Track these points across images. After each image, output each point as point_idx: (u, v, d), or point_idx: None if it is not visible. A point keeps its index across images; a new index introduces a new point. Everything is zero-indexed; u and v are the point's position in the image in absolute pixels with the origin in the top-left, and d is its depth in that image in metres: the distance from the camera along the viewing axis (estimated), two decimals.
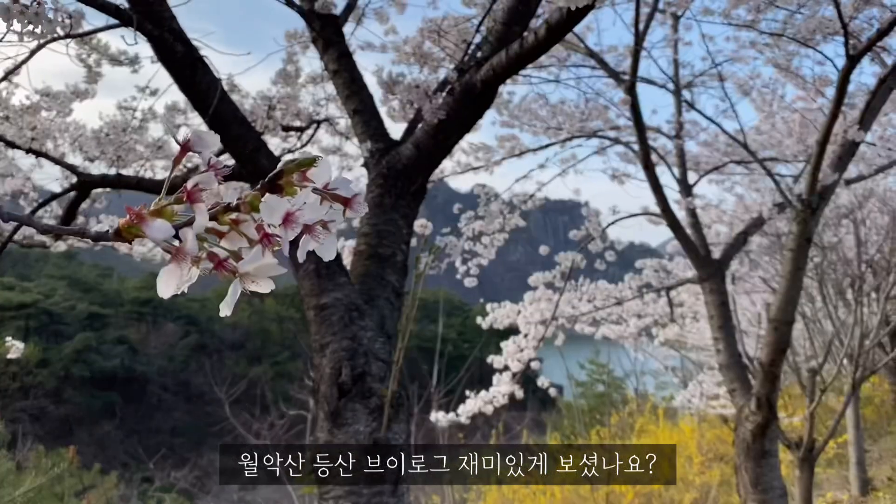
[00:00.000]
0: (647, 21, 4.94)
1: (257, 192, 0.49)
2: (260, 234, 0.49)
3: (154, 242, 0.47)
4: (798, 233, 4.28)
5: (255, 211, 0.49)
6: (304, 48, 4.28)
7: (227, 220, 0.49)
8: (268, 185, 0.49)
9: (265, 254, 0.48)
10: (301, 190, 0.49)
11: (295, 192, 0.50)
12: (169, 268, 0.47)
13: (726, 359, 5.16)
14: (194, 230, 0.47)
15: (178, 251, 0.47)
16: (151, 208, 0.48)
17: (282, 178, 0.49)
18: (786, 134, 6.23)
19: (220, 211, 0.49)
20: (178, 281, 0.48)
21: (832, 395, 9.28)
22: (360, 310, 2.56)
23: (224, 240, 0.50)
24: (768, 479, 4.63)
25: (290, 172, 0.49)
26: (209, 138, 0.50)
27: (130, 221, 0.47)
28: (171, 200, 0.48)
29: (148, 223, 0.46)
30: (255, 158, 2.67)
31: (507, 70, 2.61)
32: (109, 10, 2.21)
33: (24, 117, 2.70)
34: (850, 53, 3.67)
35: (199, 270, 0.48)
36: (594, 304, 7.27)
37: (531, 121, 6.12)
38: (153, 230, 0.46)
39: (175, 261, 0.47)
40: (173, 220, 0.47)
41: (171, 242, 0.47)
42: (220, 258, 0.49)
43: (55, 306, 29.41)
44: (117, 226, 0.48)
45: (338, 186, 0.51)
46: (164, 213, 0.47)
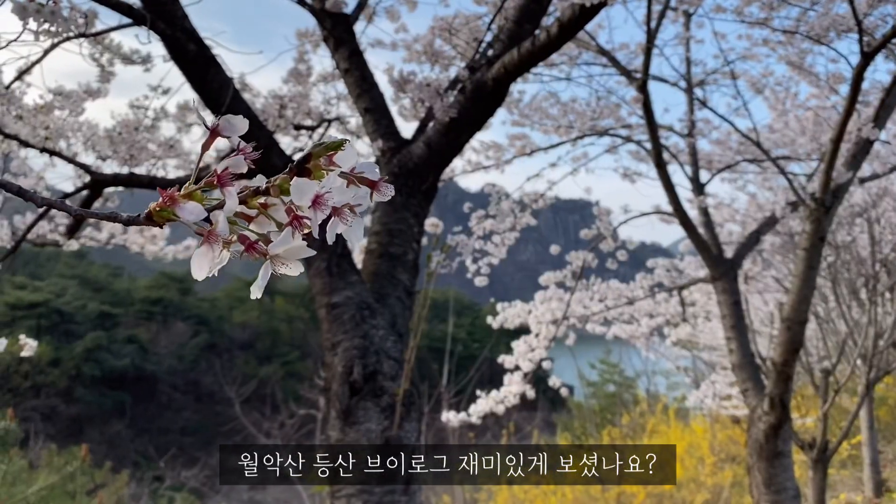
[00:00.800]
0: (659, 19, 4.92)
1: (286, 175, 0.49)
2: (290, 216, 0.49)
3: (186, 224, 0.47)
4: (811, 232, 4.24)
5: (284, 194, 0.49)
6: (315, 46, 4.29)
7: (256, 204, 0.49)
8: (296, 168, 0.49)
9: (295, 236, 0.48)
10: (328, 174, 0.49)
11: (323, 176, 0.49)
12: (201, 250, 0.48)
13: (739, 359, 5.12)
14: (225, 213, 0.46)
15: (210, 233, 0.47)
16: (182, 192, 0.48)
17: (310, 162, 0.49)
18: (799, 132, 6.19)
19: (250, 195, 0.49)
20: (210, 263, 0.48)
21: (846, 395, 9.22)
22: (371, 308, 2.55)
23: (253, 223, 0.50)
24: (781, 479, 4.60)
25: (317, 156, 0.50)
26: (238, 123, 0.50)
27: (163, 204, 0.47)
28: (201, 185, 0.48)
29: (181, 205, 0.46)
30: (266, 157, 2.66)
31: (519, 68, 2.59)
32: (123, 10, 2.21)
33: (37, 117, 2.70)
34: (865, 50, 3.64)
35: (230, 253, 0.48)
36: (605, 304, 7.24)
37: (542, 119, 6.10)
38: (186, 212, 0.47)
39: (206, 243, 0.48)
40: (204, 203, 0.47)
41: (203, 225, 0.47)
42: (251, 241, 0.49)
43: (66, 305, 29.58)
44: (148, 209, 0.47)
45: (364, 170, 0.51)
46: (194, 196, 0.47)
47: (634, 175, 6.57)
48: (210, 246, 0.48)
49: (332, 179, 0.49)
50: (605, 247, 6.42)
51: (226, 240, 0.47)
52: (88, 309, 30.10)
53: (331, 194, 0.48)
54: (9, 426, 3.77)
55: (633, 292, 7.22)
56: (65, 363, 26.97)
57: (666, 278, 7.38)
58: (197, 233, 0.48)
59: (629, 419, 11.37)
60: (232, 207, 0.48)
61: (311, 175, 0.49)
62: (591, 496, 8.10)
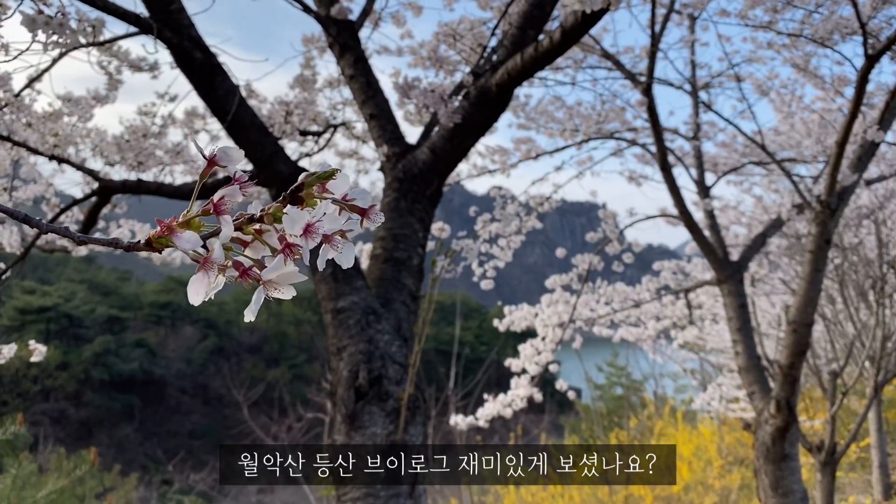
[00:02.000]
0: (664, 22, 4.93)
1: (279, 203, 0.51)
2: (282, 244, 0.51)
3: (183, 252, 0.48)
4: (817, 234, 4.24)
5: (277, 222, 0.51)
6: (322, 52, 4.31)
7: (251, 231, 0.51)
8: (289, 197, 0.51)
9: (287, 262, 0.50)
10: (321, 201, 0.51)
11: (315, 204, 0.52)
12: (197, 276, 0.49)
13: (745, 361, 5.12)
14: (220, 240, 0.48)
15: (206, 260, 0.49)
16: (180, 220, 0.49)
17: (302, 191, 0.51)
18: (805, 134, 6.18)
19: (245, 222, 0.51)
20: (206, 288, 0.50)
21: (854, 397, 9.18)
22: (376, 313, 2.57)
23: (248, 248, 0.52)
24: (788, 482, 4.59)
25: (310, 185, 0.52)
26: (234, 154, 0.52)
27: (161, 233, 0.48)
28: (198, 212, 0.50)
29: (178, 234, 0.48)
30: (272, 163, 2.69)
31: (523, 74, 2.61)
32: (130, 19, 2.24)
33: (46, 124, 2.74)
34: (869, 53, 3.64)
35: (225, 278, 0.50)
36: (612, 307, 7.25)
37: (547, 123, 6.11)
38: (182, 241, 0.49)
39: (202, 269, 0.49)
40: (200, 230, 0.49)
41: (199, 252, 0.49)
42: (245, 267, 0.52)
43: (75, 310, 29.73)
44: (148, 236, 0.49)
45: (356, 197, 0.53)
46: (192, 224, 0.49)
47: (640, 178, 6.58)
48: (206, 272, 0.50)
49: (323, 207, 0.51)
50: (611, 250, 6.43)
51: (221, 265, 0.49)
52: (97, 313, 30.25)
53: (321, 223, 0.50)
54: (18, 430, 3.80)
55: (640, 295, 7.23)
56: (74, 367, 27.11)
57: (672, 281, 7.38)
58: (193, 259, 0.50)
59: (637, 422, 11.35)
60: (227, 235, 0.50)
61: (303, 203, 0.51)
62: (599, 499, 8.09)
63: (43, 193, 3.56)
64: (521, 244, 6.48)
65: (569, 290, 6.87)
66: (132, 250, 0.52)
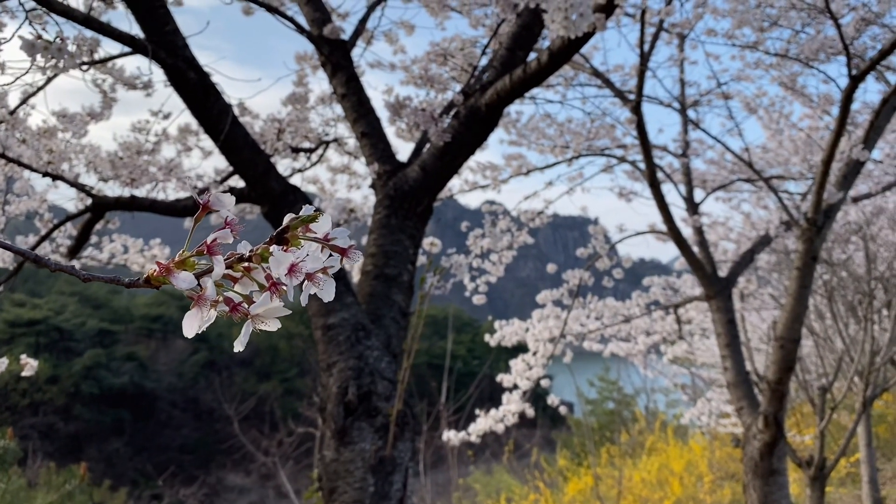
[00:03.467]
0: (652, 41, 5.00)
1: (266, 245, 0.55)
2: (269, 282, 0.56)
3: (179, 290, 0.52)
4: (804, 251, 4.30)
5: (264, 261, 0.56)
6: (315, 69, 4.36)
7: (241, 269, 0.56)
8: (276, 238, 0.55)
9: (273, 299, 0.55)
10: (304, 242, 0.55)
11: (299, 244, 0.57)
12: (192, 311, 0.54)
13: (734, 377, 5.16)
14: (213, 279, 0.53)
15: (199, 297, 0.53)
16: (176, 259, 0.53)
17: (288, 233, 0.56)
18: (792, 152, 6.26)
19: (235, 260, 0.56)
20: (200, 322, 0.55)
21: (844, 413, 9.23)
22: (366, 329, 2.59)
23: (237, 284, 0.57)
24: (776, 497, 4.62)
25: (295, 227, 0.57)
26: (227, 200, 0.56)
27: (160, 273, 0.53)
28: (192, 252, 0.54)
29: (175, 275, 0.53)
30: (264, 181, 2.72)
31: (511, 94, 2.66)
32: (125, 40, 2.28)
33: (41, 140, 2.76)
34: (853, 74, 3.71)
35: (217, 312, 0.54)
36: (602, 322, 7.29)
37: (538, 139, 6.17)
38: (179, 281, 0.54)
39: (197, 305, 0.54)
40: (194, 269, 0.53)
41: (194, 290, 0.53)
42: (235, 302, 0.56)
43: (65, 323, 29.56)
44: (147, 275, 0.53)
45: (336, 236, 0.58)
46: (187, 263, 0.53)
47: (630, 194, 6.63)
48: (200, 308, 0.54)
49: (307, 247, 0.55)
50: (601, 265, 6.47)
51: (213, 301, 0.53)
52: (87, 326, 30.09)
53: (304, 263, 0.56)
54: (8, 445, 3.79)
55: (630, 310, 7.27)
56: (63, 381, 26.92)
57: (662, 296, 7.43)
58: (188, 296, 0.54)
59: (628, 437, 11.37)
60: (219, 273, 0.55)
61: (288, 244, 0.56)
62: None
63: (36, 209, 3.58)
64: (513, 258, 6.51)
65: (560, 306, 6.91)
66: (132, 287, 0.55)
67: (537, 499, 9.39)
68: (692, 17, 5.10)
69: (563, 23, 1.93)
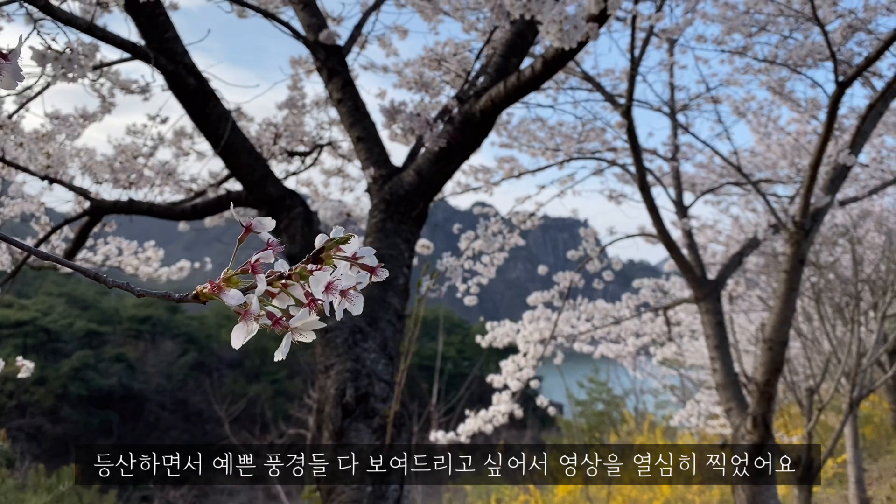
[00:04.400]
0: (643, 46, 5.06)
1: (303, 264, 0.60)
2: (308, 298, 0.62)
3: (229, 307, 0.57)
4: (791, 254, 4.36)
5: (302, 279, 0.61)
6: (309, 73, 4.39)
7: (279, 285, 0.61)
8: (312, 257, 0.60)
9: (311, 314, 0.61)
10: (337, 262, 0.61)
11: (332, 263, 0.62)
12: (239, 325, 0.60)
13: (722, 378, 5.22)
14: (256, 294, 0.58)
15: (246, 312, 0.59)
16: (222, 277, 0.58)
17: (323, 253, 0.62)
18: (780, 155, 6.33)
19: (275, 278, 0.61)
20: (246, 334, 0.61)
21: (832, 413, 9.32)
22: (363, 332, 2.63)
23: (275, 299, 0.63)
24: (764, 498, 4.68)
25: (329, 248, 0.63)
26: (267, 223, 0.61)
27: (211, 290, 0.57)
28: (237, 270, 0.59)
29: (225, 292, 0.57)
30: (262, 186, 2.75)
31: (505, 101, 2.70)
32: (127, 48, 2.30)
33: (38, 144, 2.78)
34: (840, 80, 3.77)
35: (259, 325, 0.59)
36: (592, 323, 7.34)
37: (530, 142, 6.22)
38: (229, 298, 0.59)
39: (243, 319, 0.60)
40: (238, 285, 0.58)
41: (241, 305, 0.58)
42: (277, 317, 0.62)
43: (53, 324, 29.36)
44: (196, 291, 0.58)
45: (364, 255, 0.64)
46: (231, 281, 0.58)
47: (620, 196, 6.69)
48: (246, 322, 0.60)
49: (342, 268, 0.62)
50: (591, 267, 6.52)
51: (257, 315, 0.58)
52: (75, 327, 29.90)
53: (339, 281, 0.61)
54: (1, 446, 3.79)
55: (620, 312, 7.33)
56: (51, 382, 26.74)
57: (651, 298, 7.49)
58: (235, 311, 0.60)
59: (617, 438, 11.43)
60: (262, 290, 0.60)
61: (323, 263, 0.62)
62: None
63: (33, 212, 3.59)
64: (503, 260, 6.55)
65: (550, 307, 6.96)
66: (182, 301, 0.59)
67: (527, 500, 9.44)
68: (682, 23, 5.16)
69: (558, 34, 1.97)
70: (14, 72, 0.57)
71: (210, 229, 4.37)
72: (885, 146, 6.32)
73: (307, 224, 2.82)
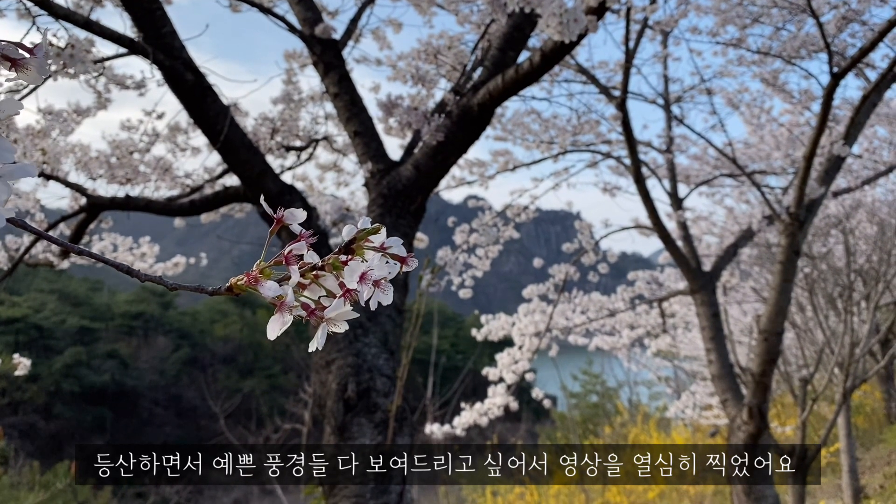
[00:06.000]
0: (637, 38, 5.05)
1: (336, 255, 0.62)
2: (342, 289, 0.61)
3: (265, 298, 0.57)
4: (786, 245, 4.37)
5: (335, 270, 0.61)
6: (303, 67, 4.37)
7: (311, 276, 0.62)
8: (344, 248, 0.60)
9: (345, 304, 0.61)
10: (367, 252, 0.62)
11: (363, 253, 0.62)
12: (275, 317, 0.59)
13: (718, 369, 5.24)
14: (290, 285, 0.58)
15: (282, 303, 0.58)
16: (255, 269, 0.58)
17: (354, 244, 0.63)
18: (774, 147, 6.35)
19: (308, 269, 0.61)
20: (282, 325, 0.60)
21: (824, 403, 9.38)
22: (363, 327, 2.63)
23: (306, 290, 0.63)
24: (760, 488, 4.71)
25: (360, 238, 0.63)
26: (299, 214, 0.60)
27: (248, 282, 0.57)
28: (270, 262, 0.58)
29: (262, 284, 0.57)
30: (261, 181, 2.74)
31: (503, 94, 2.69)
32: (124, 43, 2.28)
33: (33, 140, 2.76)
34: (834, 71, 3.77)
35: (294, 316, 0.59)
36: (587, 316, 7.35)
37: (524, 135, 6.21)
38: (266, 289, 0.58)
39: (279, 311, 0.59)
40: (271, 276, 0.57)
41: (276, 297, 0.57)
42: (312, 308, 0.61)
43: (45, 321, 29.25)
44: (229, 283, 0.57)
45: (391, 245, 0.63)
46: (264, 272, 0.57)
47: (614, 189, 6.70)
48: (282, 313, 0.59)
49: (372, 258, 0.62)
50: (586, 260, 6.53)
51: (293, 306, 0.57)
52: (68, 324, 29.79)
53: (372, 271, 0.61)
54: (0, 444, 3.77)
55: (615, 304, 7.35)
56: (44, 379, 26.66)
57: (646, 290, 7.51)
58: (271, 303, 0.59)
59: (611, 430, 11.47)
60: (295, 281, 0.60)
61: (354, 253, 0.63)
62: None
63: (29, 209, 3.56)
64: (497, 253, 6.56)
65: (545, 300, 6.97)
66: (216, 294, 0.59)
67: (523, 492, 9.47)
68: (676, 15, 5.16)
69: (558, 27, 1.97)
70: (40, 66, 0.57)
71: (201, 224, 4.36)
72: (878, 137, 6.35)
73: (307, 219, 2.81)
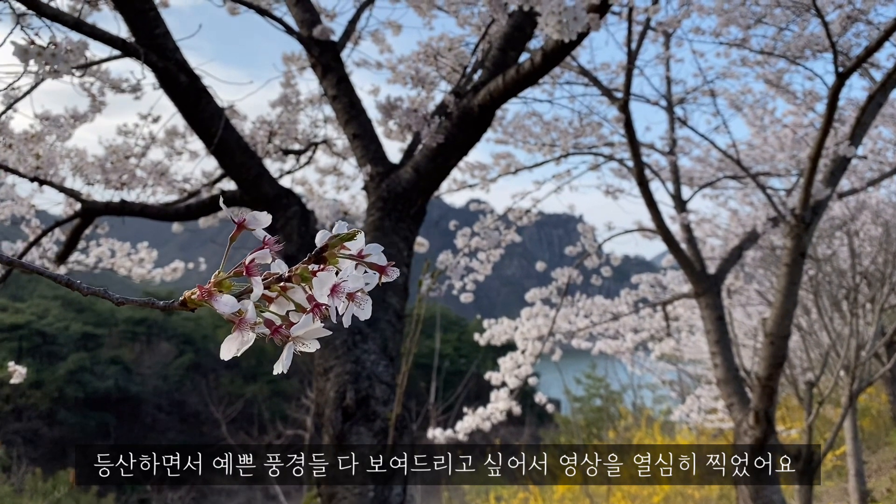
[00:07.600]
0: (640, 39, 5.01)
1: (304, 265, 0.53)
2: (311, 303, 0.54)
3: (221, 314, 0.50)
4: (792, 248, 4.32)
5: (304, 281, 0.53)
6: (301, 70, 4.33)
7: (277, 288, 0.54)
8: (314, 257, 0.53)
9: (315, 320, 0.53)
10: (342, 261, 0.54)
11: (337, 262, 0.55)
12: (232, 335, 0.51)
13: (723, 373, 5.18)
14: (252, 299, 0.51)
15: (241, 320, 0.51)
16: (212, 281, 0.51)
17: (326, 251, 0.55)
18: (778, 148, 6.30)
19: (273, 281, 0.53)
20: (240, 345, 0.52)
21: (830, 406, 9.31)
22: (362, 333, 2.58)
23: (272, 304, 0.55)
24: (767, 492, 4.65)
25: (333, 245, 0.55)
26: (262, 218, 0.54)
27: (201, 297, 0.50)
28: (229, 273, 0.52)
29: (216, 298, 0.50)
30: (257, 185, 2.70)
31: (504, 95, 2.65)
32: (117, 44, 2.24)
33: (28, 145, 2.72)
34: (839, 71, 3.73)
35: (256, 335, 0.52)
36: (591, 320, 7.30)
37: (525, 137, 6.17)
38: (221, 304, 0.51)
39: (237, 329, 0.51)
40: (231, 290, 0.51)
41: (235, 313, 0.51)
42: (276, 325, 0.54)
43: (48, 327, 29.23)
44: (183, 297, 0.51)
45: (370, 252, 0.56)
46: (223, 285, 0.51)
47: (617, 192, 6.65)
48: (240, 331, 0.52)
49: (346, 268, 0.55)
50: (589, 263, 6.49)
51: (253, 323, 0.51)
52: (71, 330, 29.77)
53: (346, 283, 0.54)
54: None
55: (618, 308, 7.29)
56: (47, 385, 26.63)
57: (650, 294, 7.46)
58: (228, 320, 0.52)
59: (615, 434, 11.41)
60: (258, 294, 0.53)
61: (326, 262, 0.55)
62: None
63: (24, 214, 3.52)
64: (499, 257, 6.51)
65: (548, 304, 6.92)
66: (168, 310, 0.53)
67: (527, 497, 9.41)
68: (678, 15, 5.12)
69: (557, 26, 1.92)
70: None
71: (205, 230, 4.31)
72: (882, 138, 6.29)
73: (304, 223, 2.76)
